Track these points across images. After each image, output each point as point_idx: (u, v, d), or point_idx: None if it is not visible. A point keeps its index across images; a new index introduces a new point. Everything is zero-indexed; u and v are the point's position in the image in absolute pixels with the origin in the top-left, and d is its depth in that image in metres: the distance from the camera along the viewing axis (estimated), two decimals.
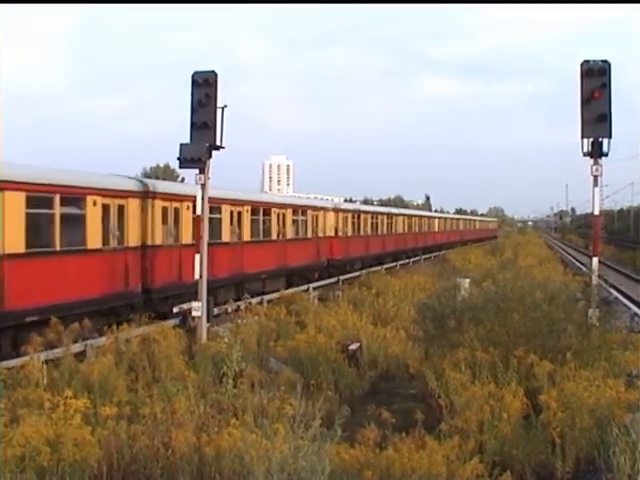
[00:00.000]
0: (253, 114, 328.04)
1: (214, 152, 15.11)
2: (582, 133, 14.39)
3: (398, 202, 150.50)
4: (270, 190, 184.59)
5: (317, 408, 7.46)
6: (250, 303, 18.75)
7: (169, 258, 19.23)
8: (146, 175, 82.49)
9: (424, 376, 9.72)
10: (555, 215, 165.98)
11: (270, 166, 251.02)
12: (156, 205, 18.86)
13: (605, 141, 14.37)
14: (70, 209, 15.86)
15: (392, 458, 7.00)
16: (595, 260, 15.05)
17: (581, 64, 14.40)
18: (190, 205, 19.68)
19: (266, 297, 21.00)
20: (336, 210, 35.47)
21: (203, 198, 15.31)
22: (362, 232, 39.30)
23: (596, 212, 15.47)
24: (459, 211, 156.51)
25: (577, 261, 45.51)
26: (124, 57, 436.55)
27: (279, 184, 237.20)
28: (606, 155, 14.46)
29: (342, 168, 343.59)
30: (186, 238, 19.78)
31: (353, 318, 15.76)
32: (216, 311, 17.86)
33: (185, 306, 16.30)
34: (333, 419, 7.25)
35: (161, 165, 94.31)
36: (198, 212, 15.50)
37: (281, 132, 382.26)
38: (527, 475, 7.94)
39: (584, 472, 8.08)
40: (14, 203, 13.82)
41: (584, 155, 14.47)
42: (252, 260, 23.99)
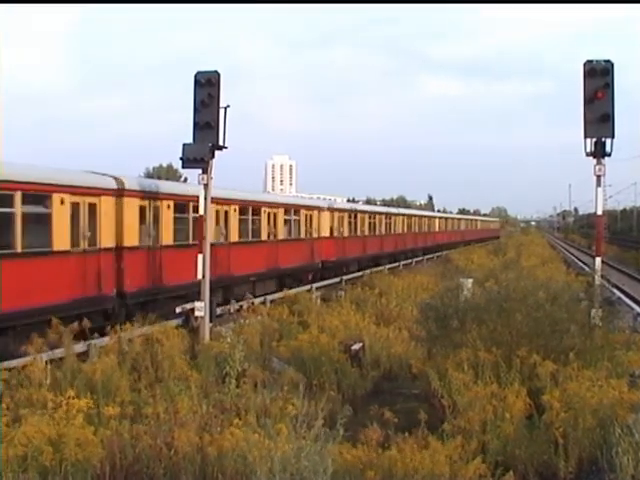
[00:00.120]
0: (254, 114, 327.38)
1: (217, 152, 15.16)
2: (585, 133, 14.38)
3: (401, 202, 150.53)
4: (273, 190, 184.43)
5: (320, 408, 7.48)
6: (253, 303, 18.74)
7: (148, 260, 18.32)
8: (149, 175, 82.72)
9: (427, 376, 9.72)
10: (558, 215, 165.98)
11: (273, 166, 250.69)
12: (133, 203, 17.83)
13: (608, 141, 14.37)
14: (33, 208, 14.74)
15: (395, 458, 7.00)
16: (598, 260, 15.05)
17: (584, 64, 14.40)
18: (171, 204, 19.35)
19: (269, 297, 20.98)
20: (331, 210, 34.18)
21: (206, 198, 15.32)
22: (359, 232, 38.43)
23: (599, 212, 15.42)
24: (462, 211, 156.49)
25: (580, 261, 45.44)
26: (124, 57, 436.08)
27: (282, 184, 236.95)
28: (609, 155, 14.46)
29: (344, 168, 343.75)
30: (167, 239, 19.10)
31: (356, 318, 15.74)
32: (219, 311, 17.86)
33: (188, 306, 16.28)
34: (336, 419, 7.23)
35: (164, 165, 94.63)
36: (201, 212, 15.51)
37: (282, 132, 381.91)
38: (530, 475, 7.94)
39: (587, 472, 8.07)
40: None
41: (587, 155, 14.46)
42: (240, 262, 22.93)
